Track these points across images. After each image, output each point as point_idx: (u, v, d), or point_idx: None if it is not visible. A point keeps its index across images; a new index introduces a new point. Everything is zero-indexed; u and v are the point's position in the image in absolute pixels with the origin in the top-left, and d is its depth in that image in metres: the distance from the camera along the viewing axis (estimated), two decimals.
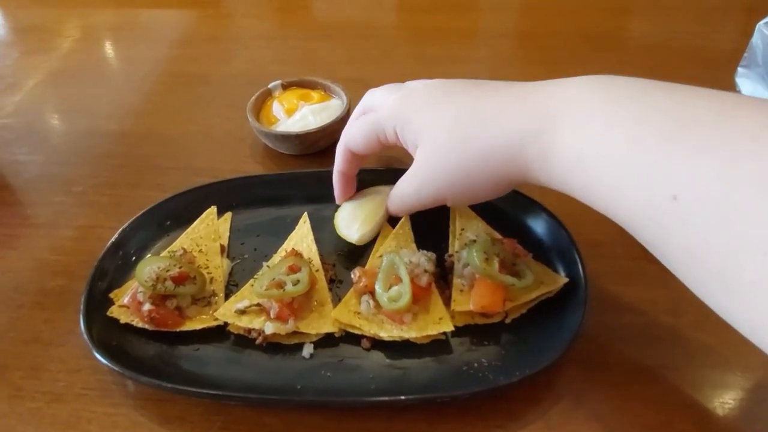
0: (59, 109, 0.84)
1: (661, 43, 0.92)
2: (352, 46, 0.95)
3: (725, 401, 0.47)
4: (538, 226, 0.57)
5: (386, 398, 0.45)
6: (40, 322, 0.54)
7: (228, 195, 0.62)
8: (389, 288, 0.49)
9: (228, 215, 0.61)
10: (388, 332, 0.48)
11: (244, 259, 0.57)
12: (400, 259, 0.50)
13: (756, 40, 0.75)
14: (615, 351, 0.50)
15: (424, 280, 0.49)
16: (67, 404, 0.48)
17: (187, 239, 0.57)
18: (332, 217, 0.60)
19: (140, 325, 0.50)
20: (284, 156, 0.71)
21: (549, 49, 0.92)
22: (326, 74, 0.75)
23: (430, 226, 0.58)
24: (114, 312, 0.51)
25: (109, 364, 0.46)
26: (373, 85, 0.60)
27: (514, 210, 0.59)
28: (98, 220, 0.64)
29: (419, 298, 0.49)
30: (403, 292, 0.48)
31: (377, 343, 0.49)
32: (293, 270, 0.51)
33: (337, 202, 0.59)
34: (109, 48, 0.98)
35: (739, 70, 0.78)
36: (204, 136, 0.76)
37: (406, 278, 0.48)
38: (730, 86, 0.79)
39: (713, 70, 0.82)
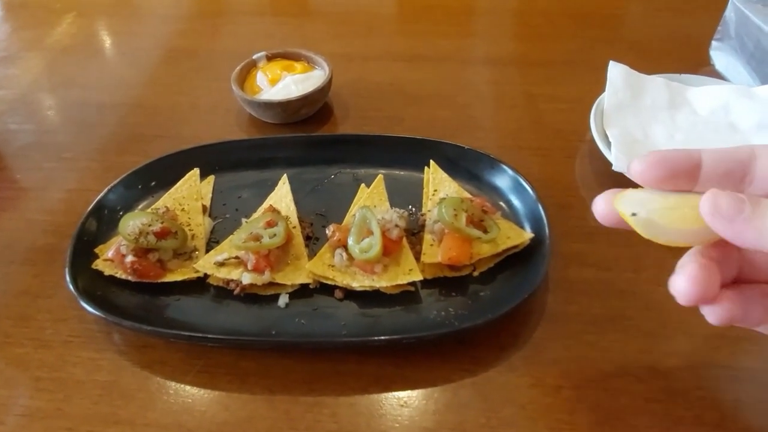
0: (51, 81, 0.86)
1: (642, 20, 0.94)
2: (339, 23, 0.97)
3: (679, 348, 0.49)
4: (508, 188, 0.60)
5: (355, 338, 0.48)
6: (29, 277, 0.57)
7: (211, 159, 0.64)
8: (361, 240, 0.51)
9: (211, 178, 0.63)
10: (360, 282, 0.50)
11: (226, 218, 0.60)
12: (372, 214, 0.52)
13: (729, 13, 0.77)
14: (577, 303, 0.52)
15: (395, 233, 0.52)
16: (54, 350, 0.51)
17: (170, 198, 0.59)
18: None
19: (123, 276, 0.52)
20: (268, 125, 0.73)
21: (533, 26, 0.94)
22: (313, 49, 0.77)
23: (405, 188, 0.60)
24: (99, 265, 0.53)
25: (94, 311, 0.49)
26: (359, 60, 0.60)
27: (486, 173, 0.61)
28: (87, 184, 0.66)
29: (390, 251, 0.52)
30: (373, 243, 0.50)
31: (350, 294, 0.52)
32: (270, 225, 0.53)
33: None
34: (100, 23, 1.00)
35: (713, 43, 0.80)
36: (190, 107, 0.78)
37: (377, 231, 0.51)
38: (705, 60, 0.81)
39: (690, 45, 0.84)
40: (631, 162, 0.30)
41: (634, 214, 0.29)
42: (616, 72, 0.70)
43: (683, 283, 0.28)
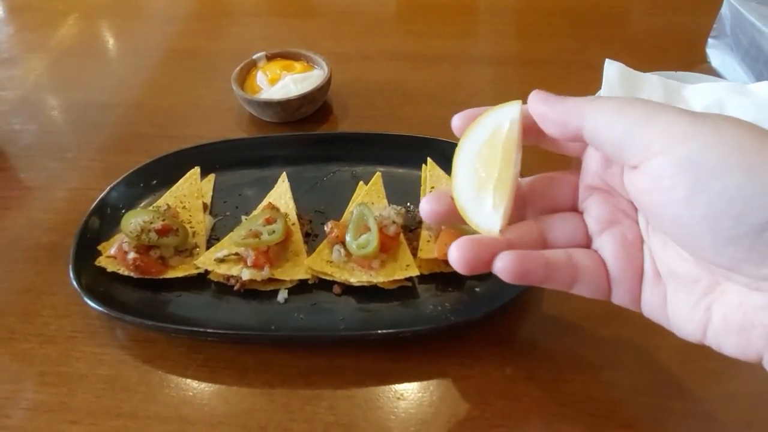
0: (53, 82, 0.87)
1: (637, 18, 0.95)
2: (338, 22, 0.97)
3: (671, 342, 0.49)
4: None
5: (353, 333, 0.49)
6: (32, 274, 0.58)
7: (212, 157, 0.65)
8: (359, 237, 0.52)
9: (211, 176, 0.64)
10: (358, 278, 0.51)
11: (226, 216, 0.61)
12: (369, 211, 0.53)
13: (725, 10, 0.77)
14: (571, 299, 0.52)
15: (392, 230, 0.52)
16: (58, 345, 0.52)
17: (171, 196, 0.60)
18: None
19: (126, 273, 0.53)
20: (267, 124, 0.74)
21: (530, 26, 0.95)
22: (312, 49, 0.78)
23: (402, 185, 0.61)
24: (102, 262, 0.54)
25: (97, 307, 0.50)
26: (358, 59, 0.61)
27: None
28: (89, 182, 0.67)
29: (388, 248, 0.52)
30: (371, 239, 0.51)
31: (348, 289, 0.53)
32: (269, 222, 0.54)
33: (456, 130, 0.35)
34: (101, 25, 1.01)
35: (709, 41, 0.81)
36: (191, 107, 0.79)
37: (374, 227, 0.51)
38: (701, 58, 0.82)
39: (687, 42, 0.85)
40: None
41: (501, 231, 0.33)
42: (612, 70, 0.71)
43: (455, 250, 0.32)
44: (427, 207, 0.36)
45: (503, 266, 0.31)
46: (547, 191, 0.37)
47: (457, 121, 0.36)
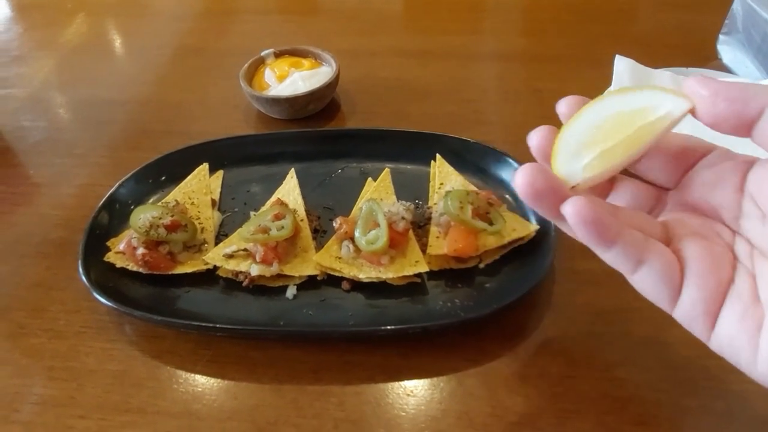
0: (62, 79, 0.87)
1: (648, 15, 0.94)
2: (346, 20, 0.97)
3: (685, 338, 0.49)
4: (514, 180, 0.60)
5: (362, 328, 0.48)
6: (42, 269, 0.58)
7: (220, 154, 0.65)
8: (368, 232, 0.52)
9: (220, 173, 0.64)
10: (367, 273, 0.51)
11: (234, 212, 0.61)
12: (378, 207, 0.53)
13: (736, 6, 0.76)
14: (583, 294, 0.53)
15: (401, 225, 0.52)
16: (67, 340, 0.51)
17: (179, 193, 0.60)
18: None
19: (135, 269, 0.53)
20: (276, 120, 0.74)
21: (538, 22, 0.94)
22: (320, 47, 0.78)
23: (411, 182, 0.61)
24: (110, 257, 0.54)
25: (106, 302, 0.49)
26: (366, 56, 0.61)
27: (492, 167, 0.61)
28: (97, 179, 0.67)
29: (397, 243, 0.52)
30: (380, 235, 0.51)
31: (357, 285, 0.52)
32: (278, 217, 0.54)
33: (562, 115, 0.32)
34: (109, 23, 1.01)
35: (721, 37, 0.80)
36: (199, 104, 0.79)
37: (383, 223, 0.51)
38: (712, 54, 0.81)
39: (697, 39, 0.84)
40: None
41: (573, 187, 0.29)
42: (623, 66, 0.70)
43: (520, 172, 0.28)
44: (535, 137, 0.31)
45: (575, 210, 0.27)
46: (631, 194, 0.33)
47: (564, 108, 0.31)
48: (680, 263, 0.28)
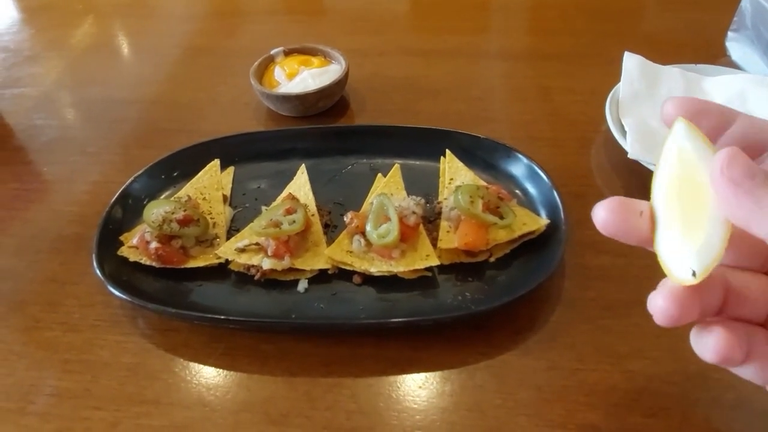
0: (73, 79, 0.88)
1: (656, 13, 0.94)
2: (354, 19, 0.98)
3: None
4: (523, 176, 0.60)
5: (373, 321, 0.49)
6: (56, 265, 0.58)
7: (231, 150, 0.65)
8: (379, 226, 0.52)
9: (231, 169, 0.65)
10: (378, 267, 0.51)
11: (245, 207, 0.61)
12: (389, 201, 0.53)
13: (745, 3, 0.77)
14: (592, 288, 0.53)
15: (412, 220, 0.53)
16: (81, 333, 0.52)
17: (191, 188, 0.61)
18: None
19: (148, 263, 0.54)
20: (285, 118, 0.75)
21: (546, 20, 0.95)
22: (328, 46, 0.78)
23: (421, 178, 0.61)
24: (124, 252, 0.55)
25: (120, 295, 0.50)
26: (374, 55, 0.61)
27: (502, 162, 0.62)
28: (110, 176, 0.68)
29: (408, 237, 0.52)
30: (391, 228, 0.51)
31: (368, 279, 0.53)
32: (290, 212, 0.54)
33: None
34: (119, 24, 1.03)
35: (729, 34, 0.80)
36: (210, 102, 0.80)
37: (394, 217, 0.52)
38: (721, 52, 0.81)
39: (705, 36, 0.84)
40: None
41: (694, 273, 0.25)
42: (632, 62, 0.70)
43: (661, 299, 0.26)
44: (602, 214, 0.28)
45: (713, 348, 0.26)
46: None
47: (671, 109, 0.28)
48: None
